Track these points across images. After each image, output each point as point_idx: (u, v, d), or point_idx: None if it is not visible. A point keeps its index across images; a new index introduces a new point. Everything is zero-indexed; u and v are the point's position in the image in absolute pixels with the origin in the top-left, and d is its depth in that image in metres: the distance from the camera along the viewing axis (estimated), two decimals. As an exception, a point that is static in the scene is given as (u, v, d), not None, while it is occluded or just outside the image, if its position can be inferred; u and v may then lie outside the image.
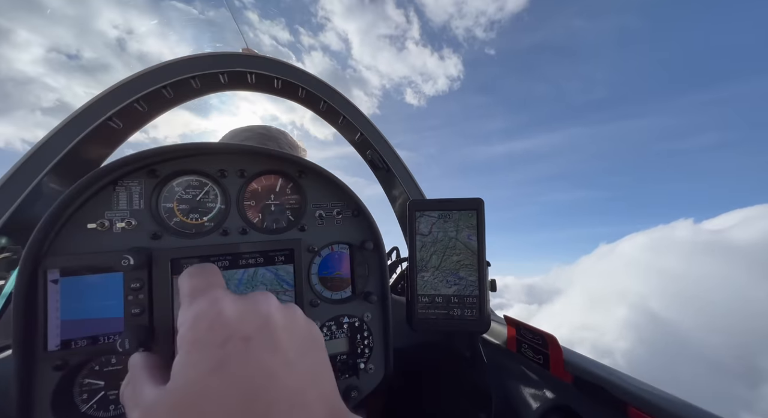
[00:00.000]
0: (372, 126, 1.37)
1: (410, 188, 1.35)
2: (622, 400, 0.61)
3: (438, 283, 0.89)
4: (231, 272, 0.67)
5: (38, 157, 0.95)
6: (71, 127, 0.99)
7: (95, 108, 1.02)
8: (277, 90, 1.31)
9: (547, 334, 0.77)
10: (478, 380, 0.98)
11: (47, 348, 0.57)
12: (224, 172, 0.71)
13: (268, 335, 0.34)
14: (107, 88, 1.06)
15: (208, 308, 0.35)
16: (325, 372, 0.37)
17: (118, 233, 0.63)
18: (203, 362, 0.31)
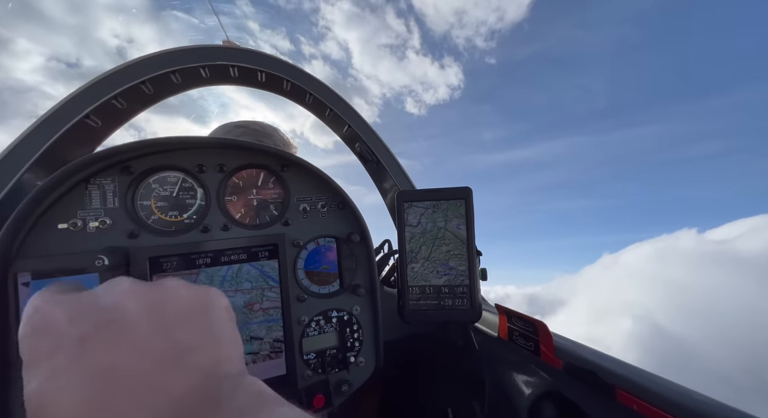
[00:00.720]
0: (360, 118, 1.34)
1: (400, 180, 1.33)
2: (610, 383, 0.61)
3: (428, 273, 0.88)
4: (214, 270, 0.66)
5: (13, 157, 0.92)
6: (47, 126, 0.95)
7: (71, 105, 0.98)
8: (261, 83, 1.28)
9: (537, 321, 0.77)
10: (472, 369, 0.98)
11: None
12: (203, 167, 0.69)
13: (111, 329, 0.31)
14: (83, 84, 1.02)
15: (33, 313, 0.32)
16: (207, 339, 0.34)
17: (91, 232, 0.61)
18: (36, 376, 0.28)
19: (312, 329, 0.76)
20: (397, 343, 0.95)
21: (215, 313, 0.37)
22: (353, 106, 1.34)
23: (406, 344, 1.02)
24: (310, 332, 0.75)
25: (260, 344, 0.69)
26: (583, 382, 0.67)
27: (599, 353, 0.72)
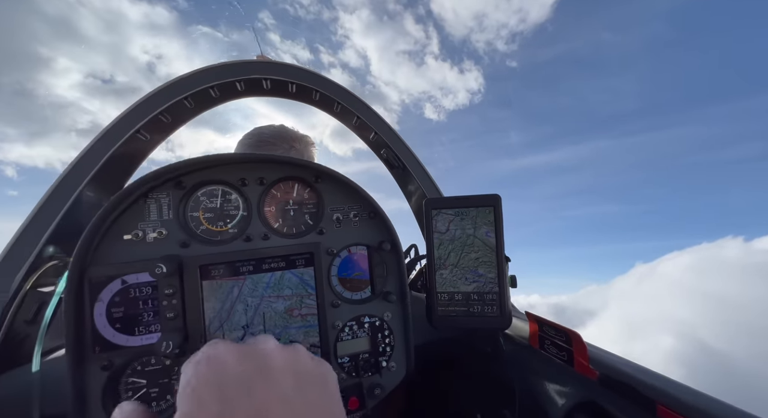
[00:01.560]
0: (386, 125, 1.37)
1: (427, 186, 1.34)
2: (650, 397, 0.60)
3: (457, 280, 0.89)
4: (259, 276, 0.71)
5: (77, 171, 1.02)
6: (104, 142, 1.05)
7: (125, 122, 1.08)
8: (291, 94, 1.34)
9: (570, 331, 0.76)
10: (501, 376, 0.97)
11: (95, 350, 0.63)
12: (245, 180, 0.75)
13: (266, 374, 0.38)
14: (134, 102, 1.12)
15: (208, 351, 0.39)
16: (329, 404, 0.40)
17: (150, 242, 0.68)
18: (208, 404, 0.34)
19: (346, 333, 0.79)
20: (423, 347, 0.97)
21: (330, 383, 0.44)
22: (379, 114, 1.37)
23: (431, 348, 1.03)
24: (344, 337, 0.79)
25: None
26: (621, 394, 0.66)
27: (637, 366, 0.70)
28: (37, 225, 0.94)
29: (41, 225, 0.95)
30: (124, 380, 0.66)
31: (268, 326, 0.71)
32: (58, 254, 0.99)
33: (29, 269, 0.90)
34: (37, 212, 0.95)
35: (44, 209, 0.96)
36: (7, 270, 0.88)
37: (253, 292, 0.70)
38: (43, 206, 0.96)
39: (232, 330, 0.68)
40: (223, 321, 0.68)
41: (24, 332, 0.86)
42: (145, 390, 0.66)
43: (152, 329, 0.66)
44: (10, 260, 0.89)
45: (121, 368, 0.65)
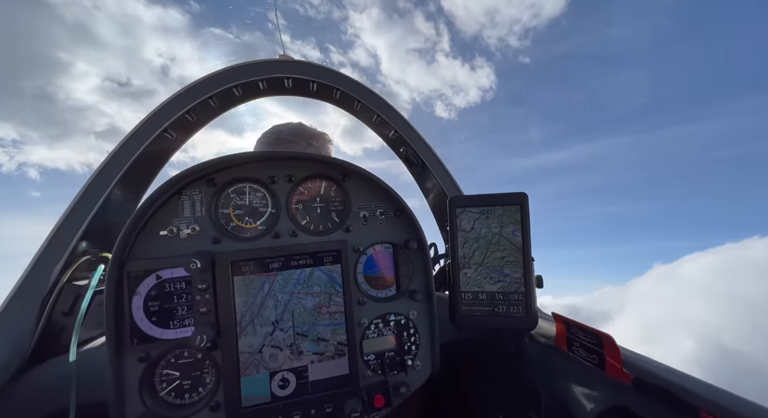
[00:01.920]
0: (406, 123, 1.36)
1: (447, 184, 1.33)
2: (691, 404, 0.57)
3: (481, 279, 0.88)
4: (289, 273, 0.72)
5: (108, 169, 1.05)
6: (134, 141, 1.08)
7: (153, 122, 1.10)
8: (312, 93, 1.34)
9: (602, 333, 0.74)
10: (526, 378, 0.96)
11: (133, 342, 0.65)
12: (274, 178, 0.76)
13: None
14: (160, 103, 1.14)
15: None
16: None
17: (184, 238, 0.70)
18: None
19: (371, 331, 0.79)
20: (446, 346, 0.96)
21: None
22: (399, 112, 1.36)
23: (454, 347, 1.02)
24: (370, 334, 0.79)
25: (326, 345, 0.74)
26: (658, 400, 0.63)
27: (676, 371, 0.68)
28: (71, 222, 0.98)
29: (75, 222, 0.98)
30: (159, 372, 0.67)
31: (296, 323, 0.71)
32: (90, 249, 1.03)
33: (65, 263, 0.93)
34: (72, 210, 0.99)
35: (78, 206, 1.00)
36: (45, 265, 0.91)
37: (283, 288, 0.71)
38: (77, 204, 1.00)
39: (263, 325, 0.69)
40: (254, 316, 0.69)
41: (61, 324, 0.89)
42: (178, 382, 0.68)
43: (186, 323, 0.67)
44: (48, 256, 0.93)
45: (156, 360, 0.67)
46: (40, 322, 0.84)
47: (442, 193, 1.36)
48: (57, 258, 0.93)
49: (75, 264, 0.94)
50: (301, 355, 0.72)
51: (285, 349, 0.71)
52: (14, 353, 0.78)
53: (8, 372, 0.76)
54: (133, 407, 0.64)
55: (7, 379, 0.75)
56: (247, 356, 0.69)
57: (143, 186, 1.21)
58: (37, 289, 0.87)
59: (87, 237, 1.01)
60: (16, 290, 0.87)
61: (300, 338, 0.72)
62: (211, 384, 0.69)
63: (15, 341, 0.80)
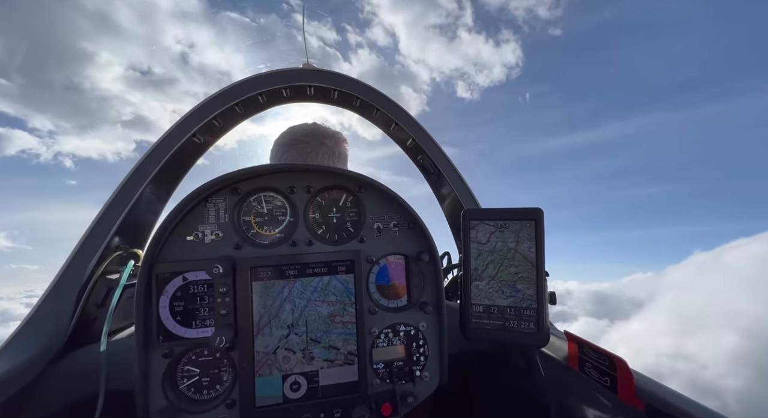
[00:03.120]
0: (423, 131, 1.37)
1: (463, 195, 1.33)
2: None
3: (493, 293, 0.88)
4: (308, 280, 0.75)
5: (141, 170, 1.12)
6: (165, 144, 1.14)
7: (182, 127, 1.17)
8: (333, 100, 1.38)
9: (615, 356, 0.73)
10: (535, 394, 0.95)
11: (159, 339, 0.69)
12: (293, 188, 0.79)
13: None
14: (190, 109, 1.20)
15: None
16: None
17: (208, 243, 0.74)
18: None
19: (381, 340, 0.81)
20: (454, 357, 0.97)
21: None
22: (417, 120, 1.38)
23: (463, 359, 1.03)
24: (380, 343, 0.81)
25: (336, 353, 0.76)
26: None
27: (689, 400, 0.66)
28: (106, 219, 1.05)
29: (110, 219, 1.05)
30: (181, 368, 0.72)
31: (310, 329, 0.74)
32: (122, 244, 1.10)
33: (99, 258, 1.00)
34: (107, 208, 1.06)
35: (113, 204, 1.07)
36: (82, 259, 0.98)
37: (301, 294, 0.74)
38: (112, 202, 1.07)
39: (279, 327, 0.73)
40: (271, 318, 0.72)
41: (94, 314, 0.96)
42: (197, 378, 0.72)
43: (207, 324, 0.71)
44: (85, 250, 1.00)
45: (179, 357, 0.71)
46: (75, 312, 0.91)
47: (458, 203, 1.36)
48: (93, 253, 1.01)
49: (108, 259, 1.01)
50: (312, 360, 0.75)
51: (298, 353, 0.74)
52: (53, 340, 0.85)
53: (47, 357, 0.83)
54: (156, 400, 0.68)
55: (46, 363, 0.82)
56: (262, 355, 0.72)
57: (172, 186, 1.28)
58: (74, 281, 0.94)
59: (120, 233, 1.08)
60: (57, 281, 0.94)
61: (313, 344, 0.75)
62: (228, 382, 0.72)
63: (54, 328, 0.87)
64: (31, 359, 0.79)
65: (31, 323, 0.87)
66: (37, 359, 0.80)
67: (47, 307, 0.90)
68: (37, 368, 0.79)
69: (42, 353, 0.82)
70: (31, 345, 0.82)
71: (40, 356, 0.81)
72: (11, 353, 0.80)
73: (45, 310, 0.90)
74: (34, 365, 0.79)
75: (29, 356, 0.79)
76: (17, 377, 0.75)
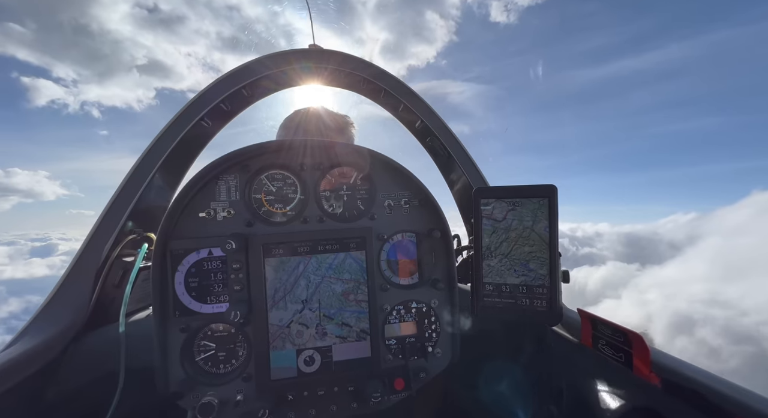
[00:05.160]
0: (433, 113, 1.35)
1: (473, 175, 1.31)
2: (728, 409, 0.55)
3: (505, 271, 0.87)
4: (323, 257, 0.75)
5: (151, 156, 1.12)
6: (173, 129, 1.15)
7: (190, 111, 1.16)
8: (341, 82, 1.36)
9: (630, 331, 0.72)
10: (547, 373, 0.95)
11: (176, 314, 0.71)
12: (303, 165, 0.78)
13: None
14: (197, 93, 1.20)
15: None
16: None
17: (220, 220, 0.74)
18: None
19: (393, 317, 0.81)
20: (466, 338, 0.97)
21: None
22: (426, 101, 1.35)
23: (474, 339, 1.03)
24: (392, 320, 0.81)
25: (349, 330, 0.77)
26: (690, 404, 0.61)
27: (708, 374, 0.65)
28: (119, 204, 1.06)
29: (123, 204, 1.06)
30: (197, 343, 0.73)
31: (324, 305, 0.75)
32: (136, 228, 1.11)
33: (114, 241, 1.02)
34: (119, 193, 1.07)
35: (125, 189, 1.08)
36: (98, 242, 1.00)
37: (316, 270, 0.75)
38: (125, 188, 1.08)
39: (293, 302, 0.74)
40: (286, 292, 0.73)
41: (111, 295, 0.99)
42: (213, 352, 0.74)
43: (221, 299, 0.72)
44: (100, 234, 1.02)
45: (195, 332, 0.73)
46: (94, 293, 0.93)
47: (468, 185, 1.34)
48: (108, 236, 1.02)
49: (123, 242, 1.03)
50: (325, 336, 0.76)
51: (311, 328, 0.75)
52: (75, 319, 0.88)
53: (70, 335, 0.85)
54: (175, 373, 0.70)
55: (68, 342, 0.85)
56: (276, 328, 0.74)
57: (181, 171, 1.29)
58: (92, 262, 0.96)
59: (132, 217, 1.10)
60: (75, 263, 0.96)
61: (326, 320, 0.76)
62: (243, 357, 0.74)
63: (75, 308, 0.89)
64: (55, 336, 0.82)
65: (54, 301, 0.90)
66: (61, 336, 0.83)
67: (68, 287, 0.93)
68: (61, 345, 0.82)
69: (65, 330, 0.85)
70: (55, 323, 0.85)
71: (63, 334, 0.84)
72: (37, 330, 0.83)
73: (66, 290, 0.92)
74: (58, 342, 0.82)
75: (54, 332, 0.82)
76: (43, 353, 0.78)
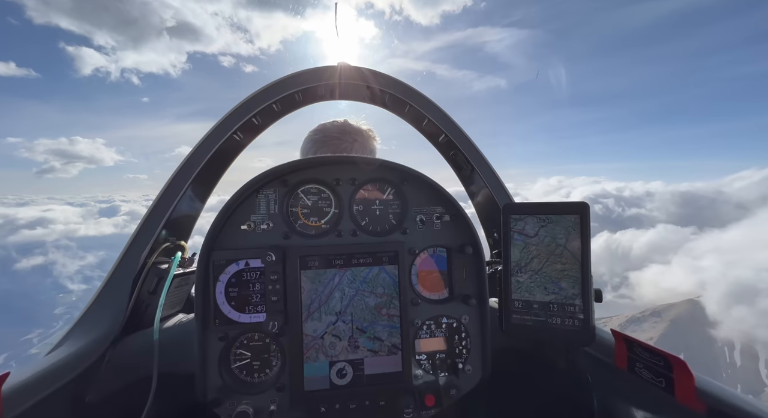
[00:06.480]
0: (456, 127, 1.36)
1: (497, 191, 1.31)
2: None
3: (535, 288, 0.86)
4: (358, 270, 0.77)
5: (186, 168, 1.17)
6: (208, 142, 1.20)
7: (224, 125, 1.22)
8: (365, 97, 1.40)
9: (672, 356, 0.70)
10: (576, 395, 0.92)
11: (216, 322, 0.73)
12: (339, 180, 0.81)
13: None
14: (231, 108, 1.25)
15: None
16: None
17: (260, 232, 0.77)
18: None
19: (424, 331, 0.81)
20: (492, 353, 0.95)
21: None
22: (450, 115, 1.37)
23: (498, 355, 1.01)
24: (422, 335, 0.81)
25: (380, 344, 0.78)
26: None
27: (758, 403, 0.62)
28: (156, 214, 1.11)
29: (159, 214, 1.11)
30: (233, 351, 0.75)
31: (357, 318, 0.76)
32: (170, 237, 1.16)
33: (151, 249, 1.06)
34: (157, 203, 1.12)
35: (162, 200, 1.13)
36: (136, 250, 1.05)
37: (351, 283, 0.76)
38: (161, 198, 1.13)
39: (328, 313, 0.75)
40: (321, 304, 0.75)
41: (147, 301, 1.02)
42: (248, 361, 0.75)
43: (259, 309, 0.75)
44: (138, 242, 1.06)
45: (232, 341, 0.75)
46: (131, 299, 0.97)
47: (491, 200, 1.34)
48: (145, 244, 1.07)
49: (158, 250, 1.07)
50: (357, 349, 0.77)
51: (344, 340, 0.76)
52: (114, 324, 0.91)
53: (109, 340, 0.89)
54: (213, 380, 0.72)
55: (107, 346, 0.88)
56: (311, 339, 0.75)
57: (212, 183, 1.34)
58: (130, 269, 1.00)
59: (167, 226, 1.14)
60: (115, 269, 1.01)
61: (358, 333, 0.76)
62: (276, 367, 0.75)
63: (114, 313, 0.93)
64: (97, 340, 0.85)
65: (96, 306, 0.94)
66: (101, 340, 0.86)
67: (108, 293, 0.97)
68: (102, 349, 0.85)
69: (105, 335, 0.88)
70: (96, 328, 0.88)
71: (104, 339, 0.87)
72: (81, 333, 0.86)
73: (106, 295, 0.96)
74: (99, 346, 0.85)
75: (96, 337, 0.85)
76: (86, 356, 0.81)
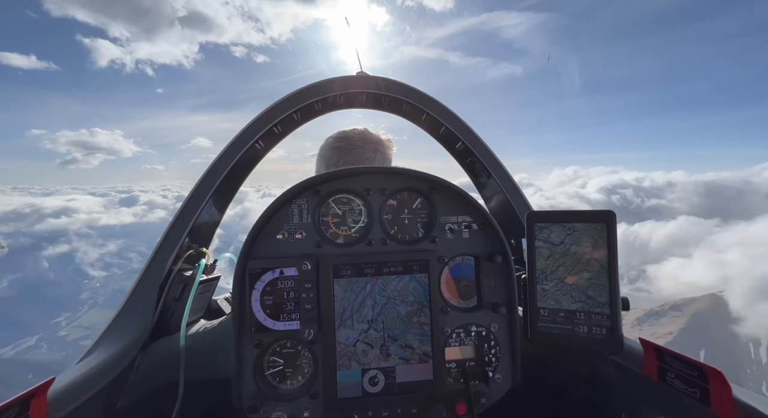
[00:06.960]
0: (473, 134, 1.38)
1: (515, 198, 1.32)
2: None
3: (561, 296, 0.86)
4: (389, 278, 0.78)
5: (210, 176, 1.19)
6: (231, 150, 1.22)
7: (247, 134, 1.24)
8: (383, 106, 1.42)
9: (707, 367, 0.69)
10: (605, 404, 0.92)
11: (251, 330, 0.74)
12: (369, 190, 0.83)
13: None
14: (253, 118, 1.28)
15: None
16: None
17: (293, 242, 0.78)
18: None
19: (453, 339, 0.82)
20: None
21: None
22: (467, 123, 1.39)
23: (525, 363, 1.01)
24: (452, 343, 0.82)
25: (412, 352, 0.78)
26: None
27: None
28: (180, 222, 1.13)
29: (183, 222, 1.13)
30: (267, 359, 0.76)
31: (388, 326, 0.76)
32: (193, 244, 1.17)
33: (176, 256, 1.08)
34: (181, 212, 1.14)
35: (185, 209, 1.15)
36: (162, 257, 1.06)
37: (382, 291, 0.77)
38: (185, 208, 1.15)
39: (360, 321, 0.76)
40: (353, 312, 0.76)
41: (173, 307, 1.03)
42: (281, 368, 0.76)
43: (293, 317, 0.75)
44: (164, 250, 1.08)
45: (266, 348, 0.76)
46: (158, 305, 0.98)
47: (508, 207, 1.35)
48: (170, 252, 1.08)
49: (183, 257, 1.08)
50: (388, 357, 0.77)
51: (376, 348, 0.77)
52: (142, 331, 0.92)
53: (137, 347, 0.90)
54: (248, 386, 0.73)
55: (137, 353, 0.89)
56: (343, 347, 0.76)
57: (233, 190, 1.36)
58: (156, 276, 1.02)
59: (191, 234, 1.16)
60: (142, 276, 1.02)
61: (390, 341, 0.77)
62: (309, 374, 0.76)
63: (143, 320, 0.94)
64: (127, 346, 0.86)
65: (125, 313, 0.95)
66: (132, 347, 0.87)
67: (136, 299, 0.98)
68: (132, 354, 0.86)
69: (135, 341, 0.89)
70: (126, 334, 0.89)
71: (133, 345, 0.88)
72: (111, 340, 0.88)
73: (134, 302, 0.97)
74: (130, 352, 0.86)
75: (126, 343, 0.86)
76: (118, 362, 0.82)
